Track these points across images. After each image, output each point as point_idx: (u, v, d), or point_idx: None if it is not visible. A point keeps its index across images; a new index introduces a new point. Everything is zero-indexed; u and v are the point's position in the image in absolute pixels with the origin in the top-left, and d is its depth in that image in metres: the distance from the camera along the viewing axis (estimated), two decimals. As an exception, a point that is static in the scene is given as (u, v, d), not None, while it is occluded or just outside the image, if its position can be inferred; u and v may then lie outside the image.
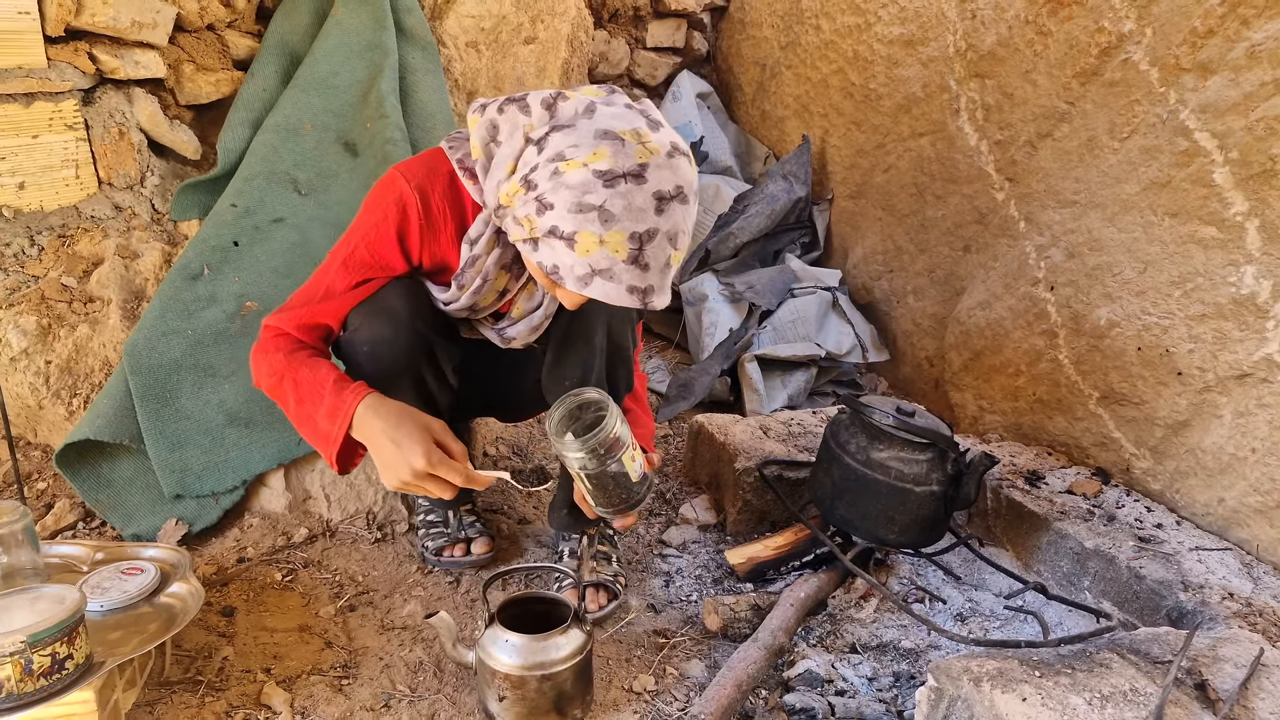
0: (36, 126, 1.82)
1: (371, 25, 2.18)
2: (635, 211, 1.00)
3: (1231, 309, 1.54)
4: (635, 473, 1.19)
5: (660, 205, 1.01)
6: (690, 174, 1.06)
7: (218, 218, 1.90)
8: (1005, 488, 1.71)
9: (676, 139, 1.07)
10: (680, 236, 1.05)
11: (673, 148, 1.05)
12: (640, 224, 1.01)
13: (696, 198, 1.08)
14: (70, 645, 1.04)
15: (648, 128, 1.05)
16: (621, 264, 1.02)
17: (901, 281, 2.60)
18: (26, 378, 1.74)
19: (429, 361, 1.33)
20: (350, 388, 1.17)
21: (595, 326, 1.32)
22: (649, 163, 1.01)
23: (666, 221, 1.02)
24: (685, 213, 1.05)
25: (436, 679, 1.34)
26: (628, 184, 1.00)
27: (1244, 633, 1.24)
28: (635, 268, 1.03)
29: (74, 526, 1.62)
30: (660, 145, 1.03)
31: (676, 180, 1.03)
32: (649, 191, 1.01)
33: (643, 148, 1.02)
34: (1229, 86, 1.56)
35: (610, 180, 1.00)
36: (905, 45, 2.50)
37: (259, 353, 1.25)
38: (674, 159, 1.04)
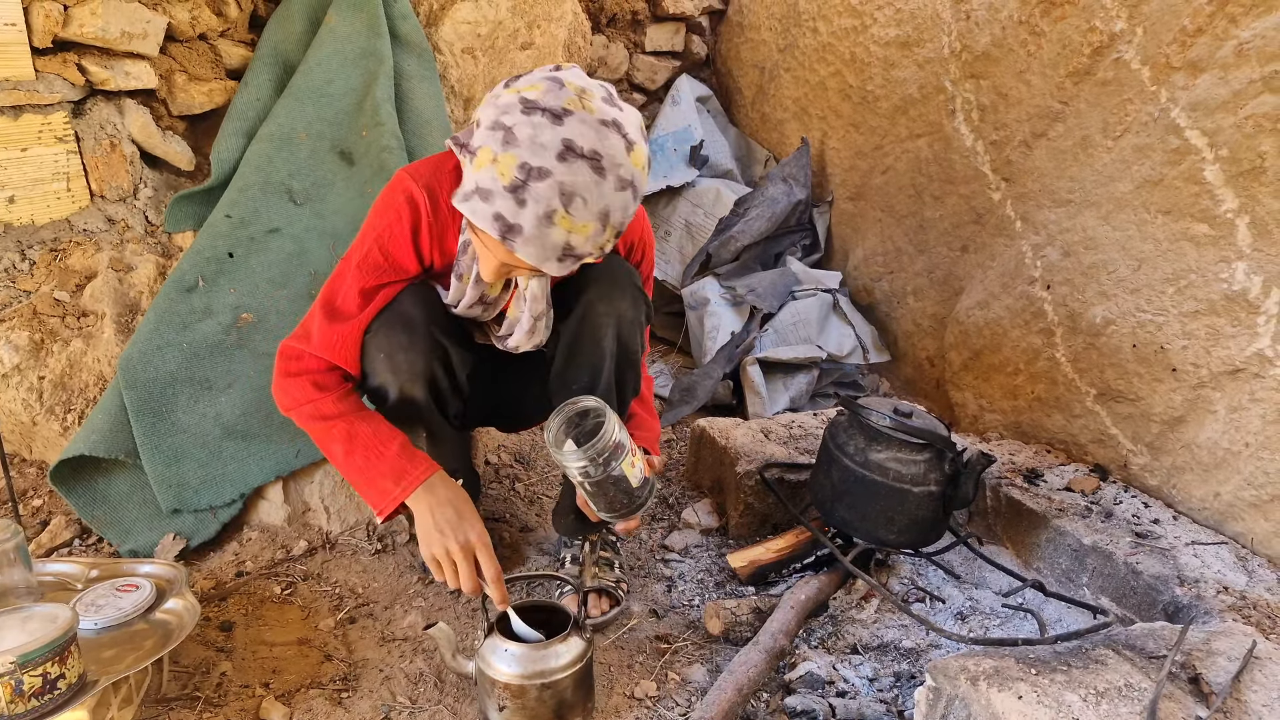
0: (25, 139, 1.81)
1: (366, 32, 2.18)
2: (536, 146, 0.98)
3: (1224, 305, 1.55)
4: (636, 478, 1.20)
5: (566, 154, 0.98)
6: (620, 155, 1.01)
7: (212, 229, 1.89)
8: (1004, 486, 1.71)
9: (626, 125, 1.03)
10: (577, 201, 0.99)
11: (613, 122, 1.01)
12: (536, 158, 0.98)
13: (623, 187, 1.02)
14: (62, 665, 1.03)
15: (601, 99, 1.03)
16: (501, 189, 1.00)
17: (901, 282, 2.60)
18: (19, 394, 1.73)
19: (444, 368, 1.33)
20: (420, 458, 1.25)
21: (605, 330, 1.32)
22: (575, 112, 0.99)
23: (566, 173, 0.98)
24: (595, 184, 0.99)
25: (437, 690, 1.33)
26: (543, 118, 0.98)
27: (1238, 626, 1.24)
28: (512, 198, 0.99)
29: (70, 543, 1.61)
30: (599, 111, 1.01)
31: (598, 145, 0.99)
32: (560, 135, 0.98)
33: (578, 100, 1.00)
34: (1218, 84, 1.57)
35: (529, 109, 0.99)
36: (901, 47, 2.50)
37: (289, 381, 1.27)
38: (607, 129, 1.01)
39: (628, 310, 1.32)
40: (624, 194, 1.03)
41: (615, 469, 1.16)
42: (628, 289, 1.32)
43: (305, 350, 1.28)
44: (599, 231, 1.04)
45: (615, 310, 1.31)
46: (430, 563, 1.23)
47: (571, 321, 1.32)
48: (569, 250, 1.04)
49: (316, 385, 1.27)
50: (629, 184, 1.03)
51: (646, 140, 1.10)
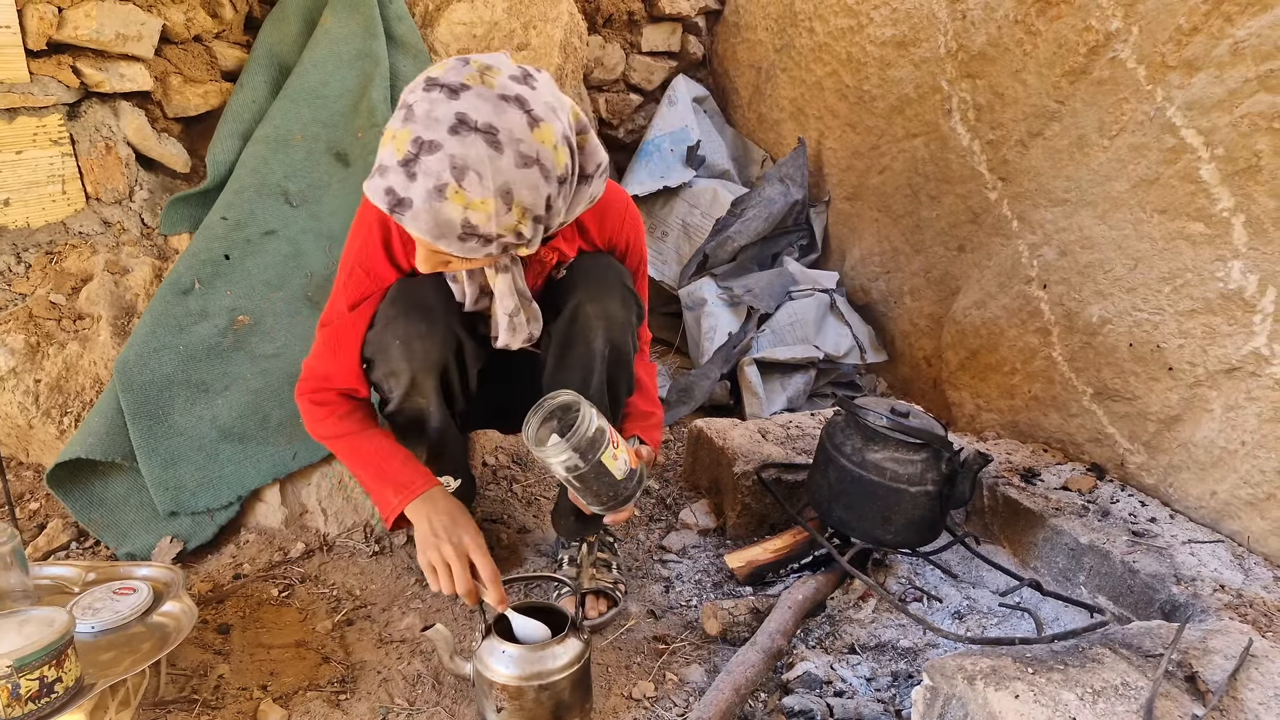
0: (20, 142, 1.81)
1: (361, 34, 2.18)
2: (430, 120, 0.97)
3: (1220, 304, 1.55)
4: (619, 470, 1.19)
5: (458, 127, 0.96)
6: (520, 130, 0.98)
7: (208, 231, 1.89)
8: (1001, 485, 1.71)
9: (532, 100, 1.00)
10: (469, 175, 0.97)
11: (515, 97, 0.99)
12: (428, 132, 0.97)
13: (526, 163, 0.99)
14: (59, 668, 1.03)
15: (509, 76, 1.00)
16: (395, 163, 0.99)
17: (898, 282, 2.60)
18: (16, 397, 1.73)
19: (457, 361, 1.33)
20: (421, 472, 1.30)
21: (594, 332, 1.31)
22: (473, 87, 0.98)
23: (458, 146, 0.96)
24: (490, 158, 0.97)
25: (435, 691, 1.33)
26: (440, 93, 0.98)
27: (1234, 624, 1.25)
28: (403, 172, 0.98)
29: (67, 547, 1.61)
30: (501, 86, 0.99)
31: (493, 119, 0.97)
32: (455, 109, 0.97)
33: (478, 75, 0.99)
34: (1214, 83, 1.57)
35: (429, 85, 0.99)
36: (897, 46, 2.51)
37: (299, 402, 1.36)
38: (506, 103, 0.98)
39: (617, 311, 1.32)
40: (528, 171, 0.99)
41: (594, 462, 1.16)
42: (617, 289, 1.32)
43: (309, 371, 1.35)
44: (503, 210, 1.00)
45: (605, 311, 1.30)
46: (426, 570, 1.24)
47: (561, 323, 1.32)
48: (470, 229, 1.00)
49: (316, 404, 1.34)
50: (533, 160, 0.99)
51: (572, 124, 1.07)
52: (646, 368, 1.53)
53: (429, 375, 1.30)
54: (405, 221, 1.00)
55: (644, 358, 1.53)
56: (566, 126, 1.05)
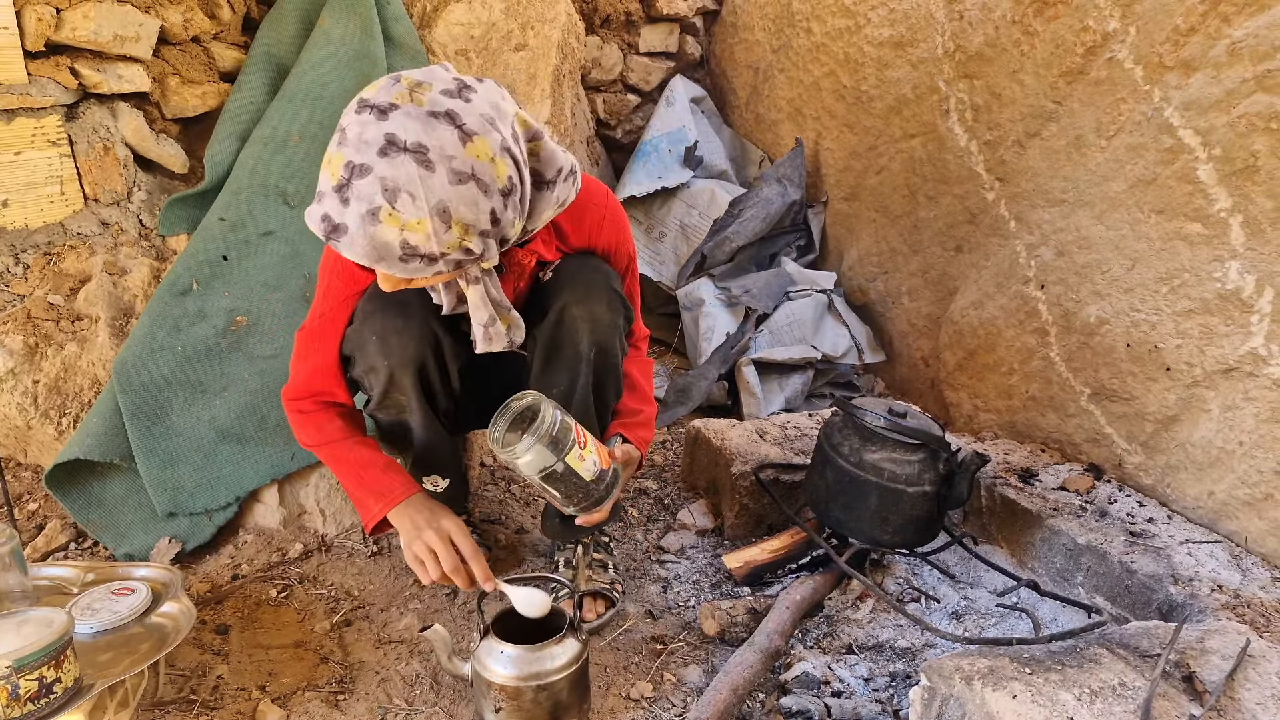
0: (19, 143, 1.81)
1: (359, 35, 2.18)
2: (361, 143, 0.96)
3: (1217, 304, 1.55)
4: (588, 471, 1.18)
5: (387, 149, 0.95)
6: (451, 147, 0.96)
7: (206, 232, 1.89)
8: (999, 485, 1.72)
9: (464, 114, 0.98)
10: (401, 196, 0.95)
11: (445, 113, 0.97)
12: (359, 155, 0.96)
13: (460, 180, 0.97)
14: (58, 669, 1.03)
15: (441, 90, 0.99)
16: (330, 189, 0.98)
17: (896, 282, 2.60)
18: (14, 398, 1.73)
19: (435, 357, 1.33)
20: (403, 479, 1.32)
21: (580, 334, 1.31)
22: (401, 106, 0.97)
23: (388, 168, 0.95)
24: (422, 178, 0.95)
25: (433, 692, 1.34)
26: (369, 115, 0.97)
27: (1232, 624, 1.25)
28: (337, 197, 0.97)
29: (66, 547, 1.61)
30: (431, 103, 0.97)
31: (422, 138, 0.95)
32: (383, 130, 0.96)
33: (407, 94, 0.97)
34: (1211, 84, 1.57)
35: (361, 107, 0.98)
36: (895, 47, 2.51)
37: (294, 426, 1.39)
38: (435, 120, 0.96)
39: (603, 314, 1.31)
40: (464, 188, 0.98)
41: (560, 462, 1.14)
42: (603, 292, 1.31)
43: (293, 375, 1.37)
44: (441, 229, 0.98)
45: (591, 314, 1.30)
46: (413, 563, 1.25)
47: (547, 325, 1.32)
48: (410, 250, 0.99)
49: (300, 412, 1.37)
50: (468, 176, 0.97)
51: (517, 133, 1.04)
52: (641, 365, 1.52)
53: (406, 371, 1.30)
54: (342, 248, 0.99)
55: (640, 355, 1.52)
56: (508, 137, 1.02)
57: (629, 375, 1.47)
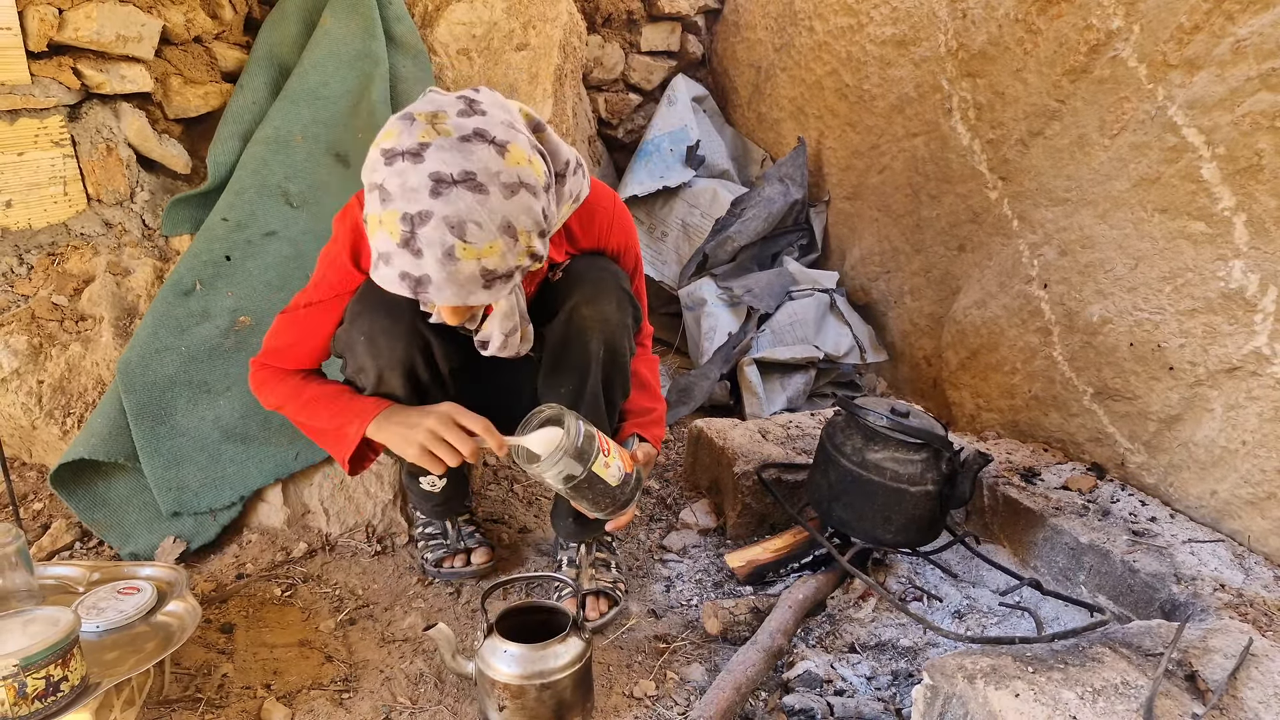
0: (22, 144, 1.81)
1: (361, 34, 2.18)
2: (408, 192, 0.96)
3: (1221, 303, 1.55)
4: (613, 477, 1.20)
5: (437, 188, 0.95)
6: (493, 163, 0.97)
7: (209, 232, 1.89)
8: (1001, 485, 1.72)
9: (489, 127, 0.99)
10: (470, 227, 0.96)
11: (474, 133, 0.97)
12: (412, 205, 0.96)
13: (512, 190, 0.98)
14: (65, 667, 1.04)
15: (456, 113, 0.99)
16: (395, 247, 0.98)
17: (898, 282, 2.60)
18: (19, 398, 1.73)
19: (425, 358, 1.32)
20: (370, 399, 1.29)
21: (591, 335, 1.32)
22: (431, 143, 0.97)
23: (446, 206, 0.95)
24: (480, 202, 0.96)
25: (437, 690, 1.34)
26: (404, 162, 0.96)
27: (1234, 623, 1.25)
28: (407, 252, 0.98)
29: (71, 547, 1.61)
30: (457, 129, 0.98)
31: (465, 165, 0.96)
32: (425, 172, 0.96)
33: (430, 128, 0.97)
34: (1215, 82, 1.57)
35: (390, 158, 0.97)
36: (897, 45, 2.50)
37: (257, 386, 1.37)
38: (469, 143, 0.97)
39: (614, 314, 1.32)
40: (518, 197, 0.99)
41: (587, 472, 1.17)
42: (613, 292, 1.32)
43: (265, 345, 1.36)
44: (511, 244, 1.00)
45: (601, 314, 1.31)
46: (421, 457, 1.21)
47: (557, 326, 1.33)
48: (490, 275, 1.00)
49: (263, 367, 1.37)
50: (519, 185, 0.99)
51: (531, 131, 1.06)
52: (648, 362, 1.53)
53: (395, 372, 1.29)
54: (432, 297, 1.00)
55: (646, 352, 1.53)
56: (528, 135, 1.04)
57: (638, 374, 1.48)
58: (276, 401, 1.35)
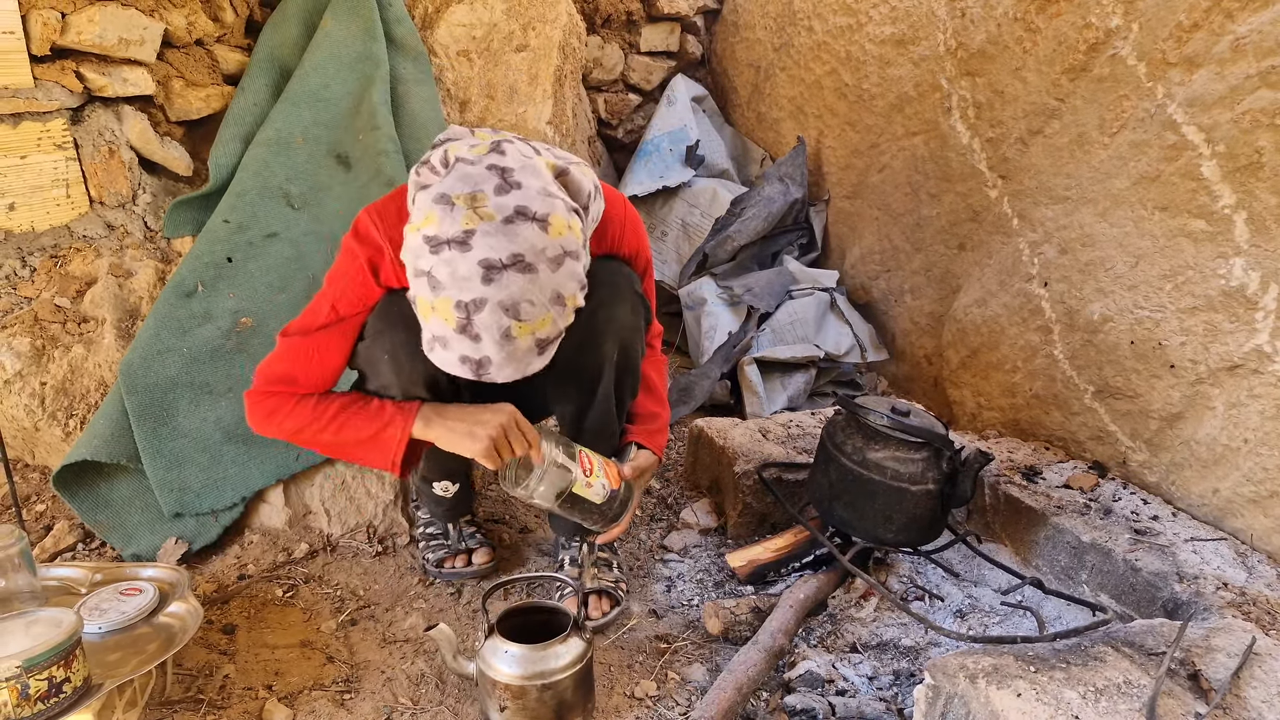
0: (25, 147, 1.82)
1: (362, 36, 2.18)
2: (459, 280, 0.98)
3: (1222, 301, 1.55)
4: (597, 495, 1.27)
5: (489, 274, 0.98)
6: (539, 240, 1.00)
7: (211, 234, 1.90)
8: (1003, 484, 1.71)
9: (529, 203, 1.00)
10: (523, 307, 1.00)
11: (515, 212, 0.99)
12: (465, 293, 0.98)
13: (558, 263, 1.01)
14: (67, 668, 1.04)
15: (494, 190, 1.00)
16: (453, 333, 1.01)
17: (899, 281, 2.60)
18: (22, 400, 1.74)
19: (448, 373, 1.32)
20: (398, 404, 1.27)
21: (605, 337, 1.32)
22: (476, 229, 0.98)
23: (499, 291, 0.98)
24: (530, 281, 0.99)
25: (439, 691, 1.34)
26: (452, 250, 0.98)
27: (1237, 622, 1.25)
28: (465, 338, 1.01)
29: (74, 548, 1.62)
30: (499, 210, 0.99)
31: (513, 248, 0.98)
32: (474, 259, 0.98)
33: (472, 213, 0.99)
34: (1215, 80, 1.57)
35: (435, 246, 0.99)
36: (897, 45, 2.51)
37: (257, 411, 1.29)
38: (514, 225, 0.99)
39: (627, 317, 1.33)
40: (565, 267, 1.02)
41: (567, 495, 1.24)
42: (627, 295, 1.33)
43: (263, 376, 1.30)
44: (561, 311, 1.05)
45: (615, 317, 1.31)
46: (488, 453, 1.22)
47: (571, 328, 1.32)
48: (544, 342, 1.05)
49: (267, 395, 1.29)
50: (564, 256, 1.02)
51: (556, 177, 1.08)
52: (656, 364, 1.53)
53: (419, 388, 1.30)
54: (493, 376, 1.03)
55: (654, 353, 1.53)
56: (562, 196, 1.06)
57: (646, 377, 1.48)
58: (295, 426, 1.28)
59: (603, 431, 1.41)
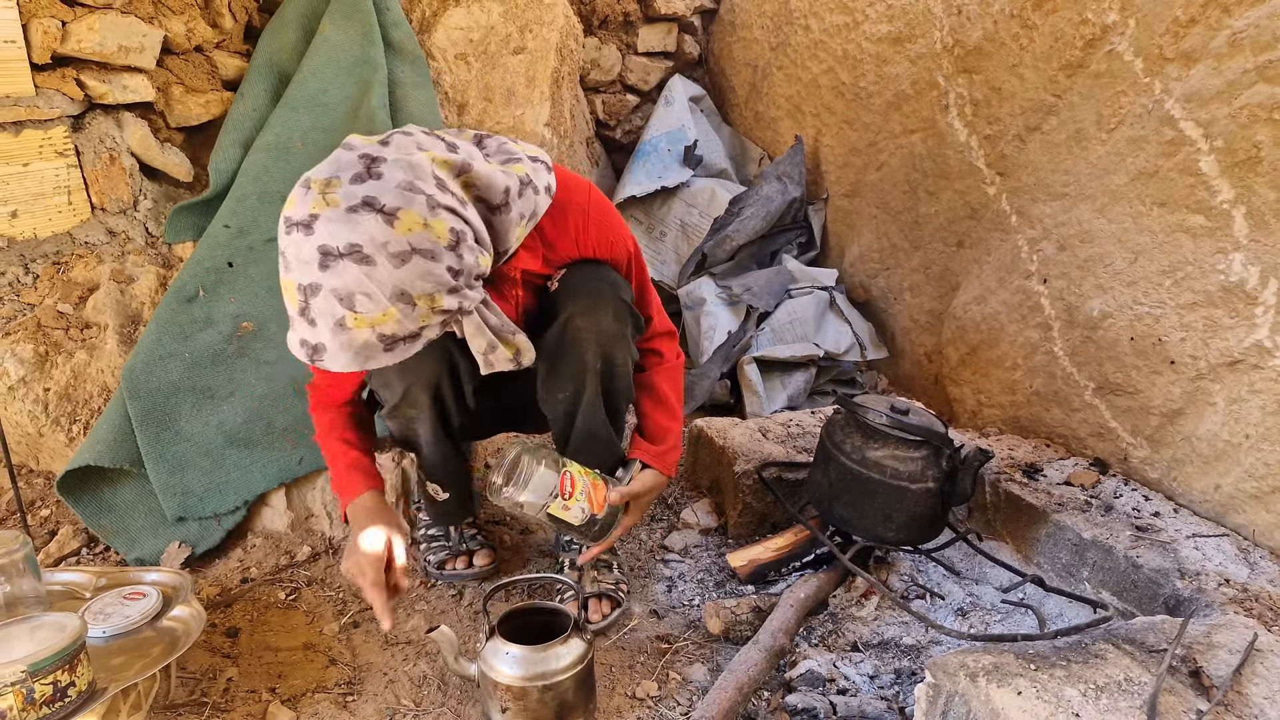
0: (27, 154, 1.83)
1: (359, 41, 2.19)
2: (301, 263, 0.97)
3: (1221, 296, 1.55)
4: (575, 518, 1.30)
5: (325, 261, 0.96)
6: (380, 233, 0.96)
7: (211, 239, 1.91)
8: (1003, 481, 1.71)
9: (380, 195, 0.97)
10: (359, 299, 0.97)
11: (362, 203, 0.96)
12: (305, 276, 0.97)
13: (402, 259, 0.97)
14: (72, 673, 1.05)
15: (350, 179, 0.98)
16: (296, 314, 1.01)
17: (898, 279, 2.60)
18: (25, 405, 1.75)
19: (451, 377, 1.34)
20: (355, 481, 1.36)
21: (586, 345, 1.32)
22: (320, 214, 0.97)
23: (334, 279, 0.96)
24: (367, 274, 0.96)
25: (441, 693, 1.35)
26: (298, 234, 0.97)
27: (1239, 618, 1.24)
28: (304, 321, 1.00)
29: (78, 553, 1.63)
30: (346, 198, 0.97)
31: (351, 237, 0.95)
32: (314, 244, 0.96)
33: (320, 198, 0.97)
34: (1212, 75, 1.57)
35: (288, 227, 0.99)
36: (893, 43, 2.50)
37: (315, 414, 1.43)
38: (356, 214, 0.96)
39: (610, 325, 1.31)
40: (410, 265, 0.97)
41: (543, 514, 1.27)
42: (609, 303, 1.31)
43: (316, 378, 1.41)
44: (409, 310, 0.99)
45: (597, 325, 1.30)
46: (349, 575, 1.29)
47: (550, 337, 1.33)
48: (389, 340, 1.01)
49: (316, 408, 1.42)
50: (411, 253, 0.97)
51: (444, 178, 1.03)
52: (669, 372, 1.48)
53: (422, 389, 1.32)
54: (327, 365, 1.01)
55: (664, 361, 1.49)
56: (433, 192, 1.01)
57: (657, 388, 1.46)
58: (320, 439, 1.42)
59: (592, 445, 1.41)
